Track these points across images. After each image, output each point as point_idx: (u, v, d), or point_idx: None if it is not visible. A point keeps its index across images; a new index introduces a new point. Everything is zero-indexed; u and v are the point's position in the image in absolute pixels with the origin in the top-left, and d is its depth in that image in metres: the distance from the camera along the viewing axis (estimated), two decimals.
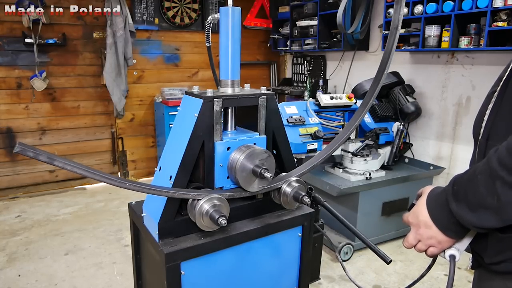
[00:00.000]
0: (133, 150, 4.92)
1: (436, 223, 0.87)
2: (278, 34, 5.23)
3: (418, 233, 0.92)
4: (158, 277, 1.35)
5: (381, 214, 3.13)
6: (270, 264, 1.47)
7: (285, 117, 2.81)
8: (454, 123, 3.44)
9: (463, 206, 0.80)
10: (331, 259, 3.01)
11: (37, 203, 4.14)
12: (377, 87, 1.21)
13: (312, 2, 4.44)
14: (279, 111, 1.43)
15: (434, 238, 0.89)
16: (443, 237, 0.88)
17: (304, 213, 1.49)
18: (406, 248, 0.96)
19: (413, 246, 0.95)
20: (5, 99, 4.14)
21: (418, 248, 0.94)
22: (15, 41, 4.03)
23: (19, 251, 3.11)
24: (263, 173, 1.23)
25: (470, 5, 2.83)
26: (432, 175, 3.42)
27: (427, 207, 0.89)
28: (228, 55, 1.31)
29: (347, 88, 4.43)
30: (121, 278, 2.74)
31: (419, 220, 0.91)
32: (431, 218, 0.88)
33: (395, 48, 1.15)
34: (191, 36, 5.01)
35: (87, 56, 4.45)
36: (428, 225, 0.89)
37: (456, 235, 0.88)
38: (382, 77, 1.19)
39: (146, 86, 4.85)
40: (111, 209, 3.99)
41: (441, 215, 0.87)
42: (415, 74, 3.73)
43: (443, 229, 0.87)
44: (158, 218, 1.24)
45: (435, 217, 0.88)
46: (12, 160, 4.27)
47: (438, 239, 0.89)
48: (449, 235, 0.87)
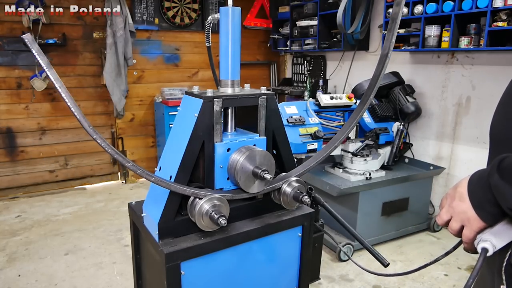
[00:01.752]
0: (133, 150, 4.92)
1: (470, 197, 0.80)
2: (278, 34, 5.23)
3: (451, 206, 0.84)
4: (158, 277, 1.35)
5: (381, 214, 3.13)
6: (270, 264, 1.47)
7: (285, 117, 2.81)
8: (454, 123, 3.44)
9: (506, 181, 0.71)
10: (331, 259, 3.01)
11: (37, 203, 4.14)
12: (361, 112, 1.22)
13: (312, 2, 4.44)
14: (279, 111, 1.43)
15: (464, 214, 0.81)
16: (473, 213, 0.79)
17: (304, 213, 1.49)
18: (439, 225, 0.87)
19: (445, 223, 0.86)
20: (5, 99, 4.14)
21: (451, 227, 0.85)
22: (15, 41, 4.03)
23: (19, 251, 3.11)
24: (263, 175, 1.24)
25: (470, 5, 2.83)
26: (432, 175, 3.42)
27: (468, 180, 0.82)
28: (228, 55, 1.31)
29: (347, 88, 4.43)
30: (121, 278, 2.74)
31: (456, 190, 0.83)
32: (468, 191, 0.81)
33: (383, 73, 1.12)
34: (191, 36, 5.01)
35: (87, 56, 4.45)
36: (463, 197, 0.81)
37: (488, 217, 0.78)
38: (368, 100, 1.19)
39: (146, 86, 4.85)
40: (111, 209, 3.99)
41: (477, 189, 0.79)
42: (415, 74, 3.73)
43: (474, 205, 0.79)
44: (158, 218, 1.24)
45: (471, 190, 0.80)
46: (12, 160, 4.27)
47: (468, 216, 0.80)
48: (479, 214, 0.79)
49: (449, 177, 3.53)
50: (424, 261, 2.98)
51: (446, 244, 3.24)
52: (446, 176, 3.54)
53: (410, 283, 2.69)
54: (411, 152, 3.70)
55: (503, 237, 0.79)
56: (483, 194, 0.77)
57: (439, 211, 0.88)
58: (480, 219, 0.79)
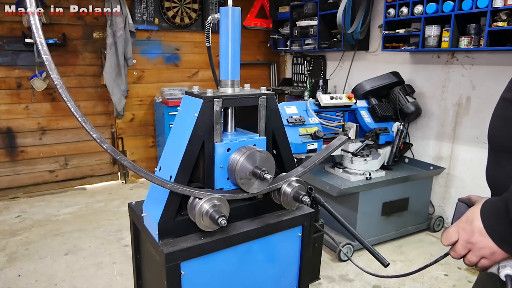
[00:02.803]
0: (133, 150, 4.92)
1: (490, 233, 0.80)
2: (278, 34, 5.23)
3: (470, 242, 0.82)
4: (158, 277, 1.35)
5: (381, 214, 3.13)
6: (270, 264, 1.47)
7: (285, 117, 2.81)
8: (454, 123, 3.44)
9: None
10: (331, 259, 3.01)
11: (37, 203, 4.14)
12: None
13: (312, 2, 4.44)
14: (279, 111, 1.43)
15: (487, 249, 0.80)
16: (497, 249, 0.79)
17: (304, 213, 1.49)
18: (454, 258, 0.87)
19: (462, 257, 0.86)
20: (5, 99, 4.14)
21: (468, 260, 0.84)
22: (15, 41, 4.03)
23: (19, 251, 3.11)
24: (263, 175, 1.24)
25: (470, 5, 2.83)
26: (432, 175, 3.42)
27: (481, 216, 0.81)
28: (228, 55, 1.31)
29: (347, 88, 4.43)
30: (121, 278, 2.74)
31: (473, 226, 0.82)
32: (484, 227, 0.80)
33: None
34: (191, 36, 5.01)
35: (87, 56, 4.45)
36: (484, 233, 0.80)
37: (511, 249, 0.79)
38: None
39: (146, 86, 4.85)
40: (111, 209, 3.99)
41: (496, 225, 0.79)
42: (415, 74, 3.73)
43: (497, 241, 0.79)
44: (158, 218, 1.24)
45: (490, 227, 0.80)
46: (12, 160, 4.27)
47: (492, 250, 0.80)
48: (504, 249, 0.79)
49: (449, 177, 3.53)
50: (424, 261, 2.98)
51: None
52: (446, 176, 3.53)
53: (410, 283, 2.69)
54: (411, 152, 3.70)
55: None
56: (504, 230, 0.78)
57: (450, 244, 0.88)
58: (505, 252, 0.80)
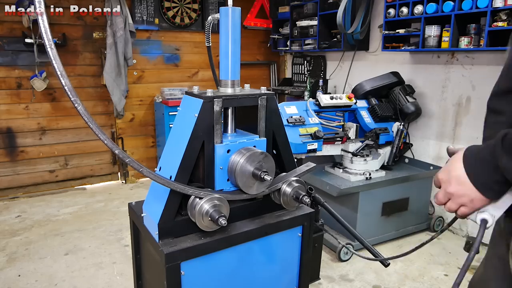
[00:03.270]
0: (133, 150, 4.92)
1: (473, 180, 0.80)
2: (278, 34, 5.23)
3: (448, 191, 0.85)
4: (158, 277, 1.35)
5: (381, 214, 3.13)
6: (270, 264, 1.47)
7: (285, 117, 2.81)
8: (454, 123, 3.44)
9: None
10: (331, 259, 3.01)
11: (37, 203, 4.14)
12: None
13: (312, 2, 4.44)
14: (279, 111, 1.43)
15: (466, 196, 0.82)
16: (477, 195, 0.81)
17: (304, 213, 1.49)
18: (437, 204, 0.90)
19: (443, 204, 0.88)
20: (5, 99, 4.14)
21: (448, 207, 0.87)
22: (15, 41, 4.03)
23: (19, 251, 3.11)
24: (263, 176, 1.24)
25: (470, 5, 2.83)
26: (432, 175, 3.42)
27: (463, 163, 0.82)
28: (228, 55, 1.31)
29: (347, 88, 4.43)
30: (121, 278, 2.74)
31: (450, 175, 0.84)
32: (467, 174, 0.81)
33: None
34: (191, 36, 5.01)
35: (87, 56, 4.45)
36: (461, 181, 0.82)
37: (495, 195, 0.80)
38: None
39: (146, 86, 4.85)
40: (111, 209, 3.99)
41: (481, 171, 0.79)
42: (415, 74, 3.73)
43: (480, 187, 0.80)
44: (158, 218, 1.24)
45: (474, 173, 0.80)
46: (12, 160, 4.27)
47: (470, 197, 0.82)
48: (486, 194, 0.80)
49: None
50: (424, 261, 2.98)
51: (446, 244, 3.24)
52: None
53: (410, 283, 2.69)
54: (411, 152, 3.70)
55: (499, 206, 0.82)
56: (488, 176, 0.79)
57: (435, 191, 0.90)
58: (484, 198, 0.81)
